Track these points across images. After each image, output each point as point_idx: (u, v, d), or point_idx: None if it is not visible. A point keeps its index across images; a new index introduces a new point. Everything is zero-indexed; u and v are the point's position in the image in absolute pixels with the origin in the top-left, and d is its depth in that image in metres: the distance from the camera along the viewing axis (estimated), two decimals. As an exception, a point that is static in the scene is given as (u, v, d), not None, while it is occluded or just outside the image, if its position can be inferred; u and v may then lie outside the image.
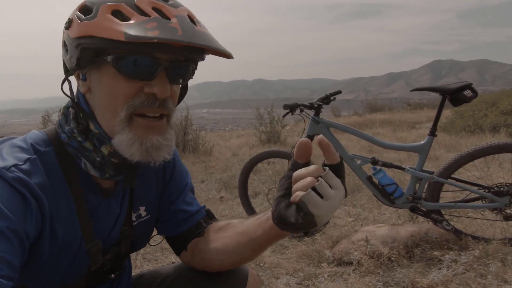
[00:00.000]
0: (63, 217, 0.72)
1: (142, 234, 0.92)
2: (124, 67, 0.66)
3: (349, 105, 50.46)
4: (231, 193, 3.83)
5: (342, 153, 2.32)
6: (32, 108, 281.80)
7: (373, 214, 2.70)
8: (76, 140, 0.73)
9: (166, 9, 0.65)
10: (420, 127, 8.50)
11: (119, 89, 0.67)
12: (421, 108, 13.38)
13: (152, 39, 0.60)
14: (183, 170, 0.96)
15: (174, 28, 0.62)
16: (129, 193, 0.85)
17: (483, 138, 5.69)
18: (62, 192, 0.72)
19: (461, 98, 1.98)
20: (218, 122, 61.40)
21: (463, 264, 1.74)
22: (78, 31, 0.67)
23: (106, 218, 0.80)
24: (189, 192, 0.96)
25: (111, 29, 0.63)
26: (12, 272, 0.57)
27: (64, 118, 0.76)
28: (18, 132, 24.82)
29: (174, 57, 0.68)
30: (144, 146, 0.69)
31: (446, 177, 2.04)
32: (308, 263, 2.03)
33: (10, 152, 0.68)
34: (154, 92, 0.68)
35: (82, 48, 0.67)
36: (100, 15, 0.65)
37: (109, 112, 0.69)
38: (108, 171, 0.74)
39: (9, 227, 0.58)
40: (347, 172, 3.23)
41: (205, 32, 0.67)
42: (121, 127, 0.69)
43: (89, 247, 0.77)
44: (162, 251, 2.35)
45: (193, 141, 6.35)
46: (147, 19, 0.63)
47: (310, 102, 2.38)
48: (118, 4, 0.65)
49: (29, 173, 0.66)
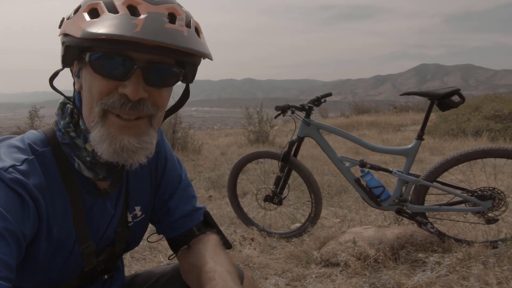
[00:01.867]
0: (59, 217, 0.72)
1: (137, 234, 0.92)
2: (98, 66, 0.65)
3: (337, 106, 50.99)
4: (220, 192, 3.83)
5: (331, 155, 2.36)
6: (19, 103, 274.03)
7: (359, 215, 2.74)
8: (69, 136, 0.73)
9: (142, 6, 0.63)
10: (405, 129, 8.65)
11: (95, 86, 0.66)
12: (407, 111, 13.62)
13: (101, 35, 0.58)
14: (175, 167, 0.94)
15: (134, 24, 0.60)
16: (124, 193, 0.84)
17: (465, 142, 5.84)
18: (58, 192, 0.72)
19: (449, 103, 2.03)
20: (207, 120, 61.08)
21: (446, 266, 1.79)
22: (62, 29, 0.69)
23: (101, 219, 0.80)
24: (184, 190, 0.94)
25: (77, 26, 0.63)
26: (10, 273, 0.57)
27: (61, 113, 0.76)
28: (3, 126, 23.84)
29: (152, 58, 0.65)
30: (113, 146, 0.67)
31: (432, 180, 2.09)
32: (296, 263, 2.06)
33: (8, 152, 0.68)
34: (126, 93, 0.65)
35: (65, 46, 0.67)
36: (78, 13, 0.65)
37: (88, 109, 0.69)
38: (100, 172, 0.74)
39: (6, 228, 0.58)
40: (334, 173, 3.26)
41: (178, 30, 0.63)
42: (95, 122, 0.68)
43: (82, 248, 0.77)
44: (150, 250, 2.34)
45: (182, 139, 6.31)
46: (111, 16, 0.62)
47: (301, 104, 2.40)
48: (96, 3, 0.65)
49: (27, 174, 0.66)
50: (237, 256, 2.14)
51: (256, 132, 7.03)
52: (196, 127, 20.59)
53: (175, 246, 0.92)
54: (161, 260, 2.20)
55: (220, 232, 0.96)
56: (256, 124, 7.07)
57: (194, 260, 0.85)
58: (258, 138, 6.98)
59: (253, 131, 7.06)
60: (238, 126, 12.36)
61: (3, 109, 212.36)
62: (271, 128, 7.10)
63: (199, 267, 0.82)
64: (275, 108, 2.42)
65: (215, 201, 3.54)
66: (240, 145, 7.04)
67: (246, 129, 7.23)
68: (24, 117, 8.74)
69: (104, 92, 0.66)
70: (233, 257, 2.12)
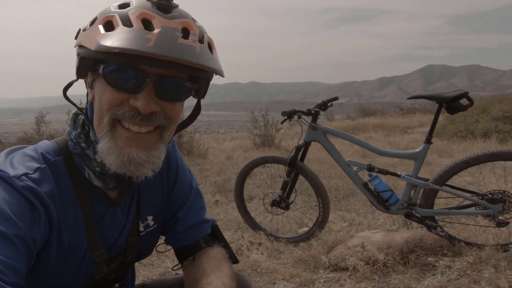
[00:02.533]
0: (70, 225, 0.72)
1: (149, 243, 0.92)
2: (111, 78, 0.65)
3: (342, 109, 50.79)
4: (226, 196, 3.83)
5: (338, 159, 2.35)
6: (25, 108, 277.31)
7: (367, 219, 2.72)
8: (80, 147, 0.74)
9: (156, 20, 0.64)
10: (412, 131, 8.59)
11: (105, 97, 0.67)
12: (413, 113, 13.53)
13: (114, 49, 0.59)
14: (186, 177, 0.95)
15: (148, 39, 0.60)
16: (135, 203, 0.85)
17: (474, 143, 5.78)
18: (70, 200, 0.73)
19: (457, 106, 2.01)
20: (212, 124, 61.25)
21: (457, 270, 1.76)
22: (77, 40, 0.69)
23: (112, 227, 0.81)
24: (194, 201, 0.95)
25: (92, 39, 0.64)
26: (18, 279, 0.58)
27: (73, 124, 0.77)
28: (10, 131, 24.09)
29: (165, 72, 0.65)
30: (121, 158, 0.67)
31: (441, 184, 2.07)
32: (304, 268, 2.04)
33: (21, 161, 0.69)
34: (137, 106, 0.66)
35: (80, 57, 0.68)
36: (93, 26, 0.66)
37: (98, 119, 0.70)
38: (109, 182, 0.74)
39: (17, 234, 0.59)
40: (341, 177, 3.25)
41: (190, 46, 0.63)
42: (104, 132, 0.69)
43: (94, 256, 0.77)
44: (158, 256, 2.34)
45: (187, 143, 6.33)
46: (126, 29, 0.62)
47: (307, 109, 2.40)
48: (111, 15, 0.65)
49: (39, 182, 0.67)
50: (245, 261, 2.13)
51: (261, 136, 7.04)
52: (201, 131, 20.68)
53: (181, 257, 0.92)
54: (168, 265, 2.21)
55: (228, 246, 0.95)
56: (261, 128, 7.08)
57: (196, 272, 0.85)
58: (264, 142, 6.98)
59: (259, 135, 7.07)
60: (244, 130, 12.38)
61: (10, 114, 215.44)
62: (276, 131, 7.10)
63: (198, 280, 0.82)
64: (282, 113, 2.42)
65: (222, 206, 3.54)
66: (246, 149, 7.05)
67: (252, 133, 7.24)
68: (30, 122, 8.81)
69: (114, 103, 0.67)
70: (240, 262, 2.12)
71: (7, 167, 0.66)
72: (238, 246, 2.33)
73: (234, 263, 0.93)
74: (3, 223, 0.58)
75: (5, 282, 0.54)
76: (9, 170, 0.65)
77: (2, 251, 0.56)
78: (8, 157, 0.69)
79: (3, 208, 0.59)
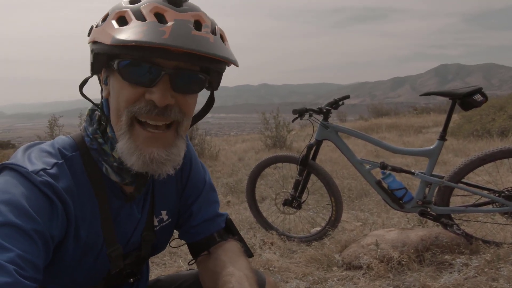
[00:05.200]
0: (87, 220, 0.73)
1: (163, 238, 0.92)
2: (126, 73, 0.66)
3: (355, 109, 50.24)
4: (238, 197, 3.84)
5: (351, 157, 2.33)
6: (37, 113, 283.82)
7: (381, 218, 2.68)
8: (97, 142, 0.75)
9: (168, 13, 0.64)
10: (427, 131, 8.44)
11: (122, 94, 0.68)
12: (428, 113, 13.30)
13: (130, 42, 0.60)
14: (199, 171, 0.95)
15: (162, 31, 0.61)
16: (150, 198, 0.86)
17: (491, 142, 5.64)
18: (87, 196, 0.73)
19: (471, 102, 1.98)
20: (223, 127, 61.48)
21: (474, 268, 1.73)
22: (91, 37, 0.70)
23: (128, 222, 0.82)
24: (207, 195, 0.95)
25: (106, 34, 0.64)
26: (36, 274, 0.58)
27: (89, 120, 0.78)
28: (23, 136, 24.74)
29: (179, 64, 0.66)
30: (143, 158, 0.68)
31: (457, 181, 2.03)
32: (317, 267, 2.03)
33: (39, 156, 0.70)
34: (153, 99, 0.66)
35: (94, 53, 0.68)
36: (106, 21, 0.67)
37: (115, 116, 0.70)
38: (126, 177, 0.75)
39: (35, 229, 0.60)
40: (355, 177, 3.22)
41: (204, 37, 0.64)
42: (122, 132, 0.69)
43: (110, 251, 0.78)
44: (170, 255, 2.36)
45: (199, 145, 6.37)
46: (140, 23, 0.63)
47: (319, 107, 2.39)
48: (123, 10, 0.66)
49: (56, 177, 0.68)
50: (257, 260, 2.13)
51: (273, 137, 7.02)
52: (212, 133, 20.75)
53: (196, 252, 0.92)
54: (181, 265, 2.22)
55: (242, 240, 0.95)
56: (273, 129, 7.06)
57: (213, 265, 0.85)
58: (276, 143, 6.96)
59: (270, 136, 7.05)
60: (255, 132, 12.38)
61: (23, 119, 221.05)
62: (288, 133, 7.07)
63: (217, 273, 0.82)
64: (293, 111, 2.41)
65: (234, 206, 3.56)
66: (257, 151, 7.05)
67: (263, 135, 7.23)
68: (43, 127, 8.93)
69: (131, 99, 0.67)
70: (253, 261, 2.12)
71: (25, 163, 0.67)
72: (251, 245, 2.34)
73: (249, 257, 0.93)
74: (22, 218, 0.59)
75: (23, 276, 0.55)
76: (27, 165, 0.66)
77: (21, 245, 0.57)
78: (26, 152, 0.71)
79: (21, 203, 0.60)
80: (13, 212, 0.59)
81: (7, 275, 0.53)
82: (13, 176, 0.65)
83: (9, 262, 0.54)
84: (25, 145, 0.74)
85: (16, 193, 0.61)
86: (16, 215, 0.59)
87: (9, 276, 0.53)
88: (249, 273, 0.81)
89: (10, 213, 0.58)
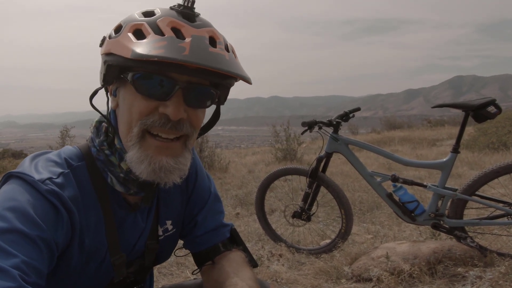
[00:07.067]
0: (91, 228, 0.74)
1: (167, 248, 0.93)
2: (140, 86, 0.67)
3: (367, 122, 49.84)
4: (247, 209, 3.82)
5: (361, 170, 2.30)
6: (50, 123, 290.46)
7: (393, 231, 2.63)
8: (104, 154, 0.76)
9: (185, 28, 0.65)
10: (441, 144, 8.29)
11: (135, 106, 0.68)
12: (442, 125, 13.08)
13: (153, 57, 0.60)
14: (205, 181, 0.95)
15: (182, 48, 0.62)
16: (155, 207, 0.86)
17: (507, 155, 5.50)
18: (92, 205, 0.74)
19: (484, 114, 1.94)
20: (234, 139, 61.72)
21: (488, 281, 1.67)
22: (105, 48, 0.71)
23: (132, 231, 0.82)
24: (212, 205, 0.95)
25: (124, 46, 0.65)
26: (39, 280, 0.59)
27: (96, 131, 0.79)
28: (36, 146, 25.52)
29: (192, 79, 0.67)
30: (152, 166, 0.69)
31: (470, 194, 1.98)
32: (326, 279, 1.99)
33: (45, 166, 0.72)
34: (167, 113, 0.67)
35: (107, 65, 0.69)
36: (122, 34, 0.67)
37: (126, 128, 0.71)
38: (131, 188, 0.76)
39: (40, 235, 0.61)
40: (366, 190, 3.17)
41: (221, 54, 0.65)
42: (133, 143, 0.70)
43: (113, 259, 0.78)
44: (177, 265, 2.35)
45: (208, 157, 6.40)
46: (159, 38, 0.63)
47: (328, 119, 2.38)
48: (140, 23, 0.67)
49: (62, 186, 0.69)
50: (265, 271, 2.11)
51: (283, 150, 6.99)
52: (223, 146, 20.83)
53: (200, 262, 0.92)
54: (188, 275, 2.21)
55: (247, 250, 0.95)
56: (283, 142, 7.05)
57: (217, 275, 0.85)
58: (286, 156, 6.94)
59: (281, 149, 7.03)
60: (266, 145, 12.38)
61: (35, 129, 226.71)
62: (298, 145, 7.04)
63: (221, 283, 0.81)
64: (302, 124, 2.41)
65: (243, 218, 3.54)
66: (267, 163, 7.03)
67: (274, 147, 7.22)
68: (55, 137, 9.04)
69: (144, 112, 0.68)
70: (260, 273, 2.09)
71: (32, 172, 0.68)
72: (258, 257, 2.31)
73: (253, 267, 0.93)
74: (27, 225, 0.60)
75: (27, 282, 0.56)
76: (34, 174, 0.68)
77: (25, 251, 0.58)
78: (33, 162, 0.72)
79: (27, 210, 0.61)
80: (19, 218, 0.60)
81: (11, 280, 0.54)
82: (20, 184, 0.66)
83: (14, 268, 0.55)
84: (32, 154, 0.76)
85: (22, 200, 0.63)
86: (22, 222, 0.60)
87: (13, 281, 0.54)
88: (253, 283, 0.80)
89: (16, 219, 0.60)
